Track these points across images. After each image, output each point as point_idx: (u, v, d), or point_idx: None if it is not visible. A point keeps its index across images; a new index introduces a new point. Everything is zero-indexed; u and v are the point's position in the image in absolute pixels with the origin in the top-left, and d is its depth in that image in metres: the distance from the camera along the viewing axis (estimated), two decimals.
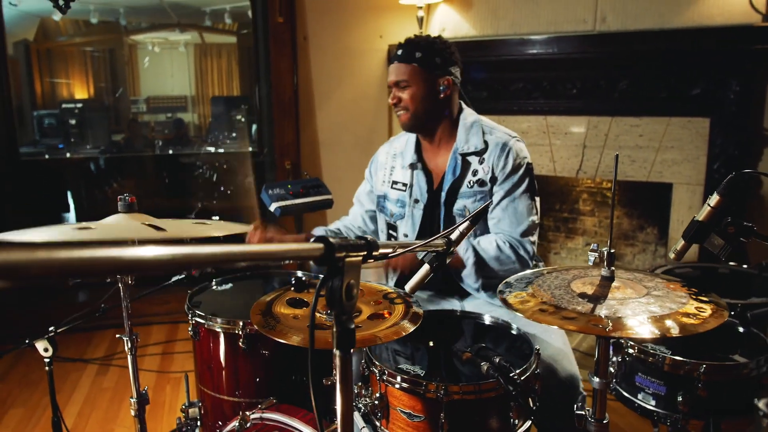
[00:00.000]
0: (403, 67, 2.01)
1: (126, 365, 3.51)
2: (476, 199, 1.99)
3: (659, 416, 1.53)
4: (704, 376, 1.46)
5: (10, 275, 0.41)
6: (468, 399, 1.40)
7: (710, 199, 1.20)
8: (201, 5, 7.78)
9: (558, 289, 1.29)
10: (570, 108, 3.55)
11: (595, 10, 3.50)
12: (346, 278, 0.69)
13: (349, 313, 0.72)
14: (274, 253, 0.64)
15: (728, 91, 3.09)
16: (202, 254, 0.55)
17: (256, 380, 1.86)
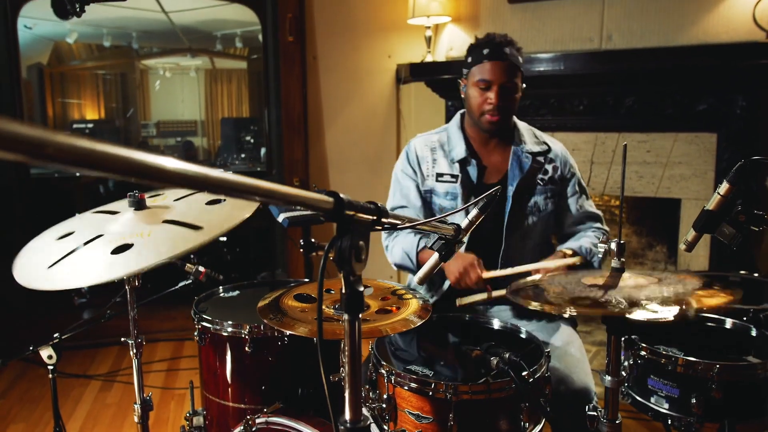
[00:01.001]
0: (513, 67, 1.99)
1: (130, 381, 3.51)
2: (547, 196, 2.08)
3: (673, 420, 1.50)
4: (718, 376, 1.43)
5: (26, 149, 0.41)
6: (477, 399, 1.38)
7: (720, 187, 1.20)
8: (212, 30, 7.91)
9: (569, 284, 1.28)
10: (577, 124, 3.56)
11: (601, 29, 3.53)
12: (356, 238, 0.69)
13: (357, 274, 0.71)
14: (287, 195, 0.64)
15: (735, 107, 3.10)
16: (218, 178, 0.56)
17: (261, 388, 1.84)
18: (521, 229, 2.05)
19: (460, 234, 1.10)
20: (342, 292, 0.73)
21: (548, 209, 2.09)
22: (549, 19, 3.67)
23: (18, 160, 0.42)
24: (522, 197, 2.05)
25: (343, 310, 0.73)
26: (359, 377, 0.75)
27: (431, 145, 2.17)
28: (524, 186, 2.05)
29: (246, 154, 6.84)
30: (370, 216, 0.73)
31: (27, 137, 0.41)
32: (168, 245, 1.32)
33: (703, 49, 3.15)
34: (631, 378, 1.61)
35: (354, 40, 4.22)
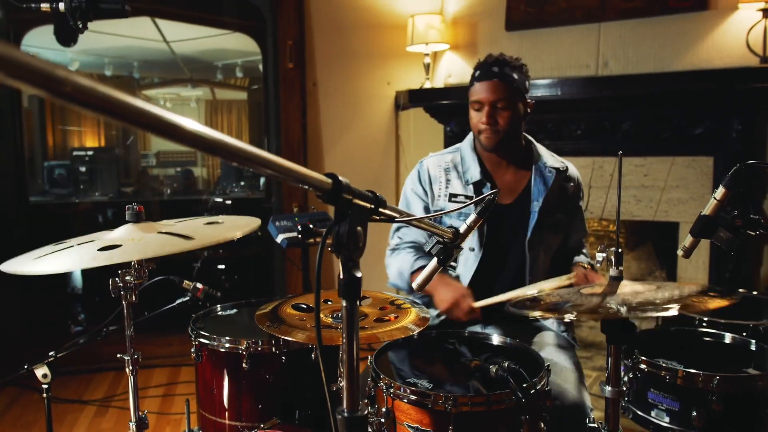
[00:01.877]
0: (501, 86, 1.96)
1: (125, 407, 3.46)
2: (568, 212, 2.12)
3: None
4: (718, 388, 1.42)
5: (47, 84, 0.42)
6: (477, 411, 1.36)
7: (716, 192, 1.21)
8: (213, 59, 8.02)
9: (567, 294, 1.28)
10: (575, 149, 3.60)
11: (597, 56, 3.59)
12: (354, 224, 0.69)
13: (355, 260, 0.71)
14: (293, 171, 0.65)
15: (730, 131, 3.13)
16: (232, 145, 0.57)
17: (258, 406, 1.82)
18: (545, 244, 2.07)
19: (458, 238, 1.11)
20: (339, 277, 0.73)
21: (567, 225, 2.14)
22: (546, 45, 3.74)
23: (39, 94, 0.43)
24: (548, 212, 2.06)
25: (341, 296, 0.73)
26: (356, 368, 0.75)
27: (445, 165, 2.16)
28: (551, 201, 2.06)
29: (245, 182, 6.86)
30: (368, 204, 0.73)
31: (48, 72, 0.43)
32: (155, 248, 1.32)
33: (698, 75, 3.20)
34: (631, 393, 1.60)
35: (353, 67, 4.28)
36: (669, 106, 3.32)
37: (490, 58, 2.01)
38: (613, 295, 1.22)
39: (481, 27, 4.00)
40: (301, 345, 1.79)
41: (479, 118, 2.00)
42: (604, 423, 1.32)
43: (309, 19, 4.19)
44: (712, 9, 3.25)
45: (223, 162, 8.52)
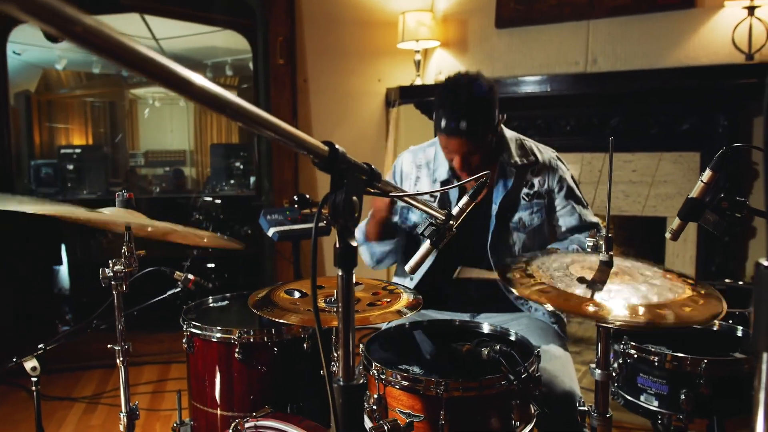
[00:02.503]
0: (469, 142, 1.86)
1: (115, 404, 3.44)
2: (533, 211, 2.01)
3: (663, 417, 1.50)
4: (706, 372, 1.44)
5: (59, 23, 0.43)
6: (469, 396, 1.37)
7: (703, 175, 1.23)
8: (203, 58, 7.99)
9: (557, 271, 1.30)
10: (564, 145, 3.61)
11: (586, 53, 3.62)
12: (350, 193, 0.70)
13: (351, 229, 0.72)
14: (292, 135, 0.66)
15: (717, 126, 3.17)
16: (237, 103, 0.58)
17: (250, 397, 1.82)
18: (507, 246, 2.01)
19: (451, 220, 1.11)
20: (335, 246, 0.74)
21: (534, 224, 2.03)
22: (535, 43, 3.76)
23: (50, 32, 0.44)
24: (505, 215, 2.00)
25: (337, 264, 0.74)
26: (353, 338, 0.75)
27: (418, 162, 2.13)
28: (507, 203, 2.00)
29: (235, 181, 6.84)
30: (363, 175, 0.74)
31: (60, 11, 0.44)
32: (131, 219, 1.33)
33: (685, 71, 3.24)
34: (621, 378, 1.62)
35: (344, 64, 4.29)
36: (656, 102, 3.36)
37: (455, 102, 1.84)
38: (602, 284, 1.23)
39: (471, 24, 4.02)
40: (294, 335, 1.80)
41: (451, 157, 1.94)
42: (593, 406, 1.34)
43: (300, 16, 4.20)
44: (698, 7, 3.30)
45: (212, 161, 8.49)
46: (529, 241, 2.04)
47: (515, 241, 2.02)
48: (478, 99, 1.85)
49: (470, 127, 1.82)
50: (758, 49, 3.09)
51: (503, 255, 1.99)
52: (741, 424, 1.48)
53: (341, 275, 0.75)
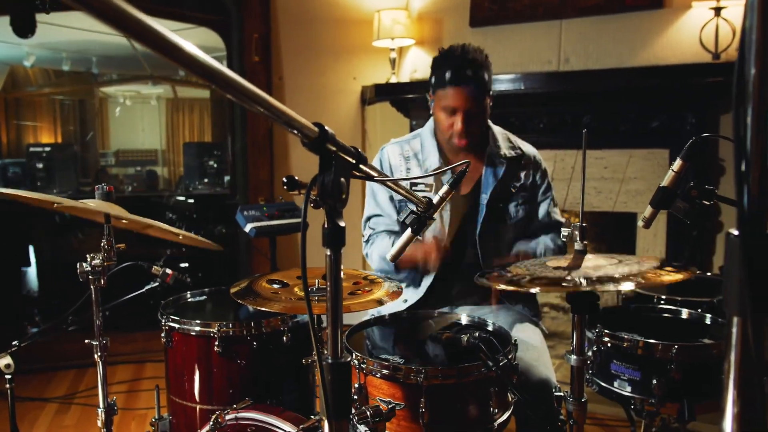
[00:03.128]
0: (476, 92, 1.89)
1: (88, 404, 3.40)
2: (518, 203, 2.05)
3: (635, 402, 1.55)
4: (676, 357, 1.49)
5: None
6: (448, 383, 1.39)
7: (674, 164, 1.27)
8: None
9: (534, 266, 1.33)
10: (537, 142, 3.61)
11: (559, 52, 3.68)
12: (338, 175, 0.72)
13: (339, 210, 0.74)
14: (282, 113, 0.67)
15: (685, 124, 3.26)
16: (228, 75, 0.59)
17: (230, 391, 1.82)
18: (495, 236, 2.05)
19: (432, 209, 1.14)
20: (323, 227, 0.75)
21: (519, 216, 2.08)
22: (509, 42, 3.81)
23: None
24: (496, 205, 2.03)
25: (325, 245, 0.75)
26: (340, 316, 0.77)
27: (405, 153, 2.14)
28: (498, 194, 2.03)
29: (209, 179, 6.79)
30: (350, 158, 0.76)
31: None
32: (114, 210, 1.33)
33: (655, 70, 3.31)
34: (595, 365, 1.66)
35: (320, 62, 4.29)
36: (627, 100, 3.43)
37: (459, 56, 1.92)
38: (577, 269, 1.27)
39: (445, 23, 4.06)
40: (273, 328, 1.81)
41: (451, 122, 1.94)
42: (569, 392, 1.37)
43: (275, 13, 4.19)
44: (667, 7, 3.38)
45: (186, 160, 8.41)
46: (513, 233, 2.08)
47: (503, 232, 2.06)
48: (478, 53, 1.94)
49: (476, 75, 1.87)
50: (724, 49, 3.18)
51: (490, 245, 2.03)
52: (711, 408, 1.54)
53: (329, 255, 0.76)
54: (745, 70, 0.53)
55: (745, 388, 0.53)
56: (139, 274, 2.01)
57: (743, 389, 0.53)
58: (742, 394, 0.53)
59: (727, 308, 0.52)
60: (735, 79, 0.54)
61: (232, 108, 4.63)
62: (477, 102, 1.91)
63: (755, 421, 0.52)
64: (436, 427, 1.40)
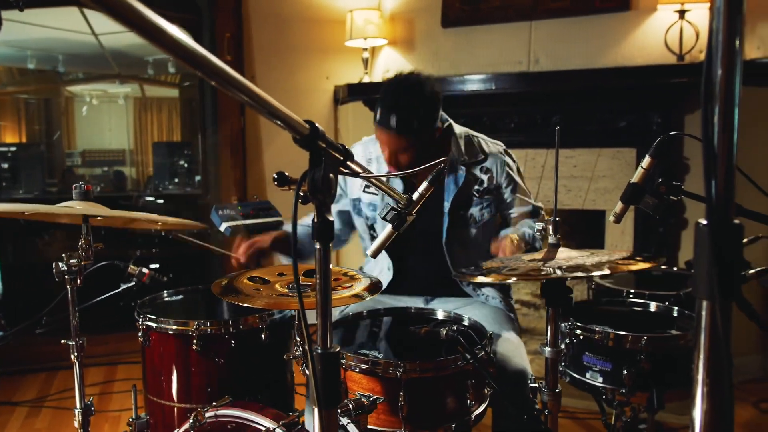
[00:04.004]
0: (398, 138, 1.89)
1: (60, 406, 3.35)
2: (483, 206, 2.08)
3: (606, 392, 1.60)
4: (646, 348, 1.55)
5: None
6: (426, 377, 1.42)
7: (643, 161, 1.33)
8: (144, 54, 7.80)
9: (510, 260, 1.37)
10: (508, 141, 3.66)
11: (529, 53, 3.75)
12: (327, 171, 0.74)
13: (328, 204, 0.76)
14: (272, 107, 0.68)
15: (651, 123, 3.35)
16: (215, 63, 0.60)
17: (208, 390, 1.82)
18: (461, 241, 2.07)
19: (411, 205, 1.17)
20: (313, 221, 0.77)
21: (485, 219, 2.10)
22: (480, 42, 3.87)
23: None
24: (458, 211, 2.06)
25: (315, 238, 0.78)
26: (330, 308, 0.79)
27: (368, 156, 2.17)
28: (460, 200, 2.06)
29: (179, 179, 6.72)
30: (339, 155, 0.78)
31: None
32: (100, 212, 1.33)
33: (621, 71, 3.40)
34: (567, 357, 1.71)
35: (292, 61, 4.29)
36: (595, 100, 3.51)
37: (391, 97, 1.91)
38: (551, 261, 1.31)
39: (417, 23, 4.09)
40: (251, 326, 1.81)
41: (382, 151, 2.00)
42: (544, 383, 1.41)
43: (247, 12, 4.18)
44: (633, 9, 3.46)
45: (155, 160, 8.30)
46: (480, 235, 2.11)
47: (469, 236, 2.09)
48: (415, 100, 1.89)
49: (400, 124, 1.86)
50: (688, 51, 3.27)
51: (458, 251, 2.06)
52: (678, 396, 1.60)
53: (319, 248, 0.78)
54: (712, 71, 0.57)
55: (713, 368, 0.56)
56: (113, 274, 2.00)
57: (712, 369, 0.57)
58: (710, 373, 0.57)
59: (697, 293, 0.56)
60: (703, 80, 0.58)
61: (202, 107, 4.60)
62: (402, 143, 1.91)
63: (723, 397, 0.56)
64: (415, 419, 1.43)
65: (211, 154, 4.40)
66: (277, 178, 0.78)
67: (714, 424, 0.56)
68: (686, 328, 1.69)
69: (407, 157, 1.94)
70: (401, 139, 1.89)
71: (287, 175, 0.78)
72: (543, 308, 3.77)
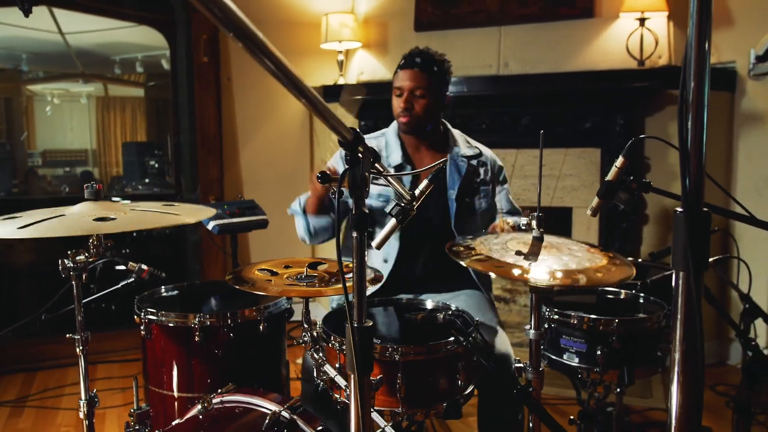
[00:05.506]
0: (420, 75, 2.17)
1: (42, 406, 3.37)
2: (481, 196, 2.31)
3: (582, 371, 1.76)
4: (617, 330, 1.72)
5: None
6: (420, 360, 1.55)
7: (617, 161, 1.48)
8: (111, 54, 7.74)
9: (496, 245, 1.51)
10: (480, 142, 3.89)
11: (499, 57, 3.91)
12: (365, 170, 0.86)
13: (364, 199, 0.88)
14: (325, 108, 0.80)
15: (615, 125, 3.55)
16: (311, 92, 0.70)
17: (207, 380, 1.92)
18: (468, 227, 2.27)
19: (414, 201, 1.29)
20: (352, 213, 0.89)
21: (483, 207, 2.32)
22: (452, 47, 4.01)
23: None
24: (463, 199, 2.27)
25: (354, 227, 0.90)
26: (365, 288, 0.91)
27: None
28: (464, 188, 2.27)
29: (150, 180, 6.71)
30: (371, 157, 0.90)
31: None
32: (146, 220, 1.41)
33: (586, 75, 3.59)
34: (546, 341, 1.86)
35: None
36: (562, 103, 3.69)
37: (416, 50, 2.23)
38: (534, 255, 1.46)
39: (391, 27, 4.22)
40: (248, 319, 1.92)
41: (398, 103, 2.22)
42: (528, 363, 1.56)
43: None
44: (597, 17, 3.66)
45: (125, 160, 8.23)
46: (480, 222, 2.32)
47: (473, 222, 2.29)
48: (435, 55, 2.24)
49: (423, 62, 2.17)
50: (648, 56, 3.48)
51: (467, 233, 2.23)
52: (646, 372, 1.77)
53: (356, 236, 0.91)
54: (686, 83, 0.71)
55: (688, 324, 0.70)
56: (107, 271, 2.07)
57: (688, 325, 0.70)
58: (686, 327, 0.71)
59: (675, 266, 0.69)
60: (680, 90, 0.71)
61: (176, 107, 4.63)
62: (421, 85, 2.17)
63: (696, 345, 0.70)
64: (411, 399, 1.55)
65: (189, 154, 4.44)
66: (320, 177, 0.90)
67: (689, 363, 0.70)
68: (652, 311, 1.88)
69: (423, 102, 2.18)
70: (423, 76, 2.16)
71: (329, 174, 0.90)
72: (512, 302, 3.95)
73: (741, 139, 3.55)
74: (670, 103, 3.50)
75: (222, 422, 1.56)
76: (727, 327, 3.66)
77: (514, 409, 1.95)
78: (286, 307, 2.00)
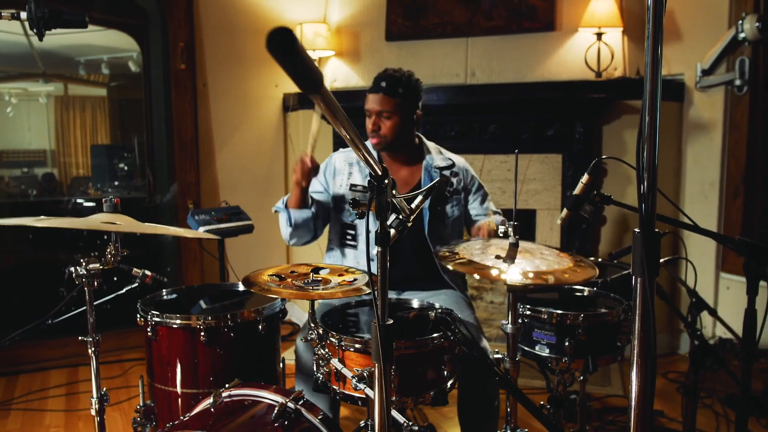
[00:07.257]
0: (387, 99, 2.31)
1: (29, 408, 3.44)
2: (453, 204, 2.48)
3: (551, 360, 1.99)
4: (583, 323, 1.95)
5: None
6: (409, 353, 1.74)
7: (583, 178, 1.71)
8: (76, 55, 7.69)
9: (478, 250, 1.72)
10: (449, 149, 4.10)
11: (466, 67, 4.14)
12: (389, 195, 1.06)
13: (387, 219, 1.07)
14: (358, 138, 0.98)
15: (575, 132, 3.81)
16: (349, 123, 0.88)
17: (210, 378, 2.07)
18: (440, 234, 2.44)
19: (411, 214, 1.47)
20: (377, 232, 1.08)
21: (455, 215, 2.49)
22: (421, 56, 4.22)
23: None
24: (435, 208, 2.45)
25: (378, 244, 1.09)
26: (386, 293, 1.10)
27: (350, 160, 2.52)
28: (436, 197, 2.45)
29: (119, 183, 6.72)
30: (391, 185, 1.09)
31: None
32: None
33: (548, 85, 3.84)
34: (519, 335, 2.08)
35: (243, 70, 4.50)
36: (526, 111, 3.93)
37: (383, 73, 2.37)
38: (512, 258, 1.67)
39: (363, 37, 4.40)
40: (247, 319, 2.08)
41: (368, 124, 2.39)
42: (505, 354, 1.77)
43: (198, 22, 4.34)
44: (558, 30, 3.92)
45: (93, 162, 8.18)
46: (451, 229, 2.50)
47: (445, 230, 2.47)
48: (402, 76, 2.36)
49: (388, 87, 2.30)
50: (605, 68, 3.76)
51: (438, 241, 2.41)
52: (608, 360, 2.01)
53: (380, 250, 1.10)
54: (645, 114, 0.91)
55: (644, 319, 0.91)
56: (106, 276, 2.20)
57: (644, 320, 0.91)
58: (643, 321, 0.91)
59: (634, 273, 0.90)
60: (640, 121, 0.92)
61: (150, 110, 4.70)
62: (387, 108, 2.32)
63: (650, 332, 0.90)
64: (404, 388, 1.74)
65: (165, 158, 4.52)
66: (352, 203, 1.08)
67: (645, 347, 0.91)
68: (612, 306, 2.12)
69: (389, 123, 2.33)
70: (388, 100, 2.30)
71: (359, 200, 1.08)
72: (480, 299, 4.18)
73: (689, 146, 3.86)
74: (625, 113, 3.78)
75: (233, 414, 1.72)
76: (677, 320, 3.97)
77: (491, 396, 2.16)
78: (281, 308, 2.18)
